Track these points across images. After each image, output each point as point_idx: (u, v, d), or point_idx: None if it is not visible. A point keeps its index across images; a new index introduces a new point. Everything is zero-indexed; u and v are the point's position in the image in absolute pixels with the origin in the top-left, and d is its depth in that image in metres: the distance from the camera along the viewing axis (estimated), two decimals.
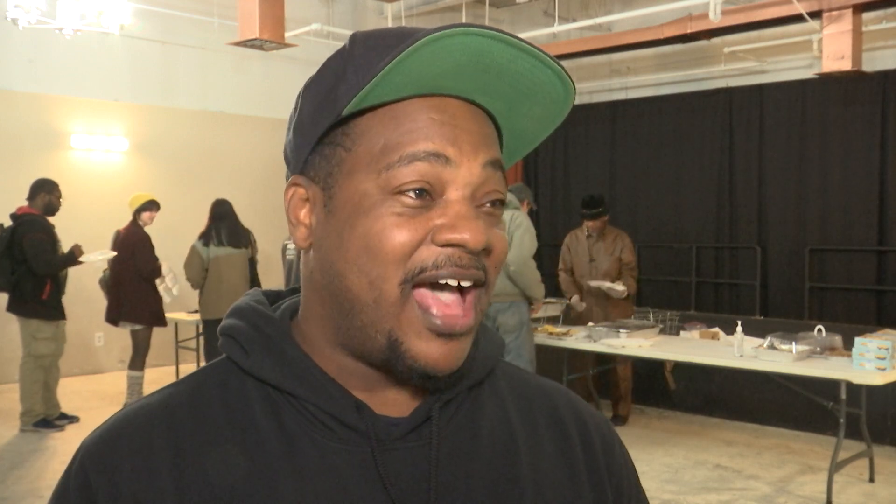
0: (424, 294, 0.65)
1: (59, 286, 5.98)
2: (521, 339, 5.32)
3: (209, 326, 6.41)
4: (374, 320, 0.65)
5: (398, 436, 0.69)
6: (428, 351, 0.65)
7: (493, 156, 0.68)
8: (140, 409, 0.70)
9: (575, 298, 6.34)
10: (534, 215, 10.92)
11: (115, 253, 6.34)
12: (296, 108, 0.72)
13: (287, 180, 0.73)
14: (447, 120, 0.66)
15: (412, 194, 0.64)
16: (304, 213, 0.70)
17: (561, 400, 0.80)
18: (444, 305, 0.65)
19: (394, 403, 0.71)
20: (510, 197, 5.50)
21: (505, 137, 0.73)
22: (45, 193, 5.93)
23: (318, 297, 0.70)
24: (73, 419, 6.17)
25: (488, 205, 0.67)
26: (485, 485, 0.70)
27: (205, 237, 6.37)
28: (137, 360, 6.45)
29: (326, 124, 0.68)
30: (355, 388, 0.70)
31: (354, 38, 0.68)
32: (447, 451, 0.70)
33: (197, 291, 6.49)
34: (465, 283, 0.65)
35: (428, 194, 0.65)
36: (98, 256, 6.27)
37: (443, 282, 0.65)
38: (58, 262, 5.89)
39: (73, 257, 5.92)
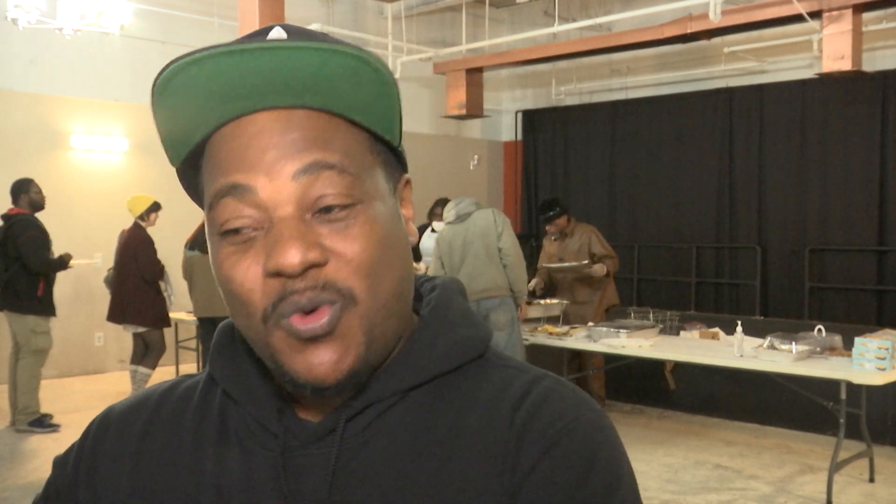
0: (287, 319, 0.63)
1: (50, 283, 6.09)
2: (514, 336, 5.34)
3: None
4: (256, 344, 0.66)
5: (308, 441, 0.68)
6: (301, 364, 0.63)
7: (306, 161, 0.62)
8: (138, 396, 0.80)
9: (533, 281, 6.44)
10: (531, 215, 10.93)
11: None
12: None
13: None
14: (244, 143, 0.63)
15: (232, 234, 0.63)
16: None
17: (528, 403, 0.67)
18: (303, 318, 0.62)
19: (319, 407, 0.70)
20: (472, 199, 5.61)
21: (355, 116, 0.65)
22: (24, 193, 6.01)
23: None
24: (47, 416, 6.16)
25: (321, 211, 0.62)
26: (382, 497, 0.65)
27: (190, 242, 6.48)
28: (150, 360, 6.58)
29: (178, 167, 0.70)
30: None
31: None
32: (350, 459, 0.67)
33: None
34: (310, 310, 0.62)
35: (248, 227, 0.63)
36: (83, 261, 6.59)
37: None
38: (52, 263, 5.97)
39: (64, 264, 6.06)
